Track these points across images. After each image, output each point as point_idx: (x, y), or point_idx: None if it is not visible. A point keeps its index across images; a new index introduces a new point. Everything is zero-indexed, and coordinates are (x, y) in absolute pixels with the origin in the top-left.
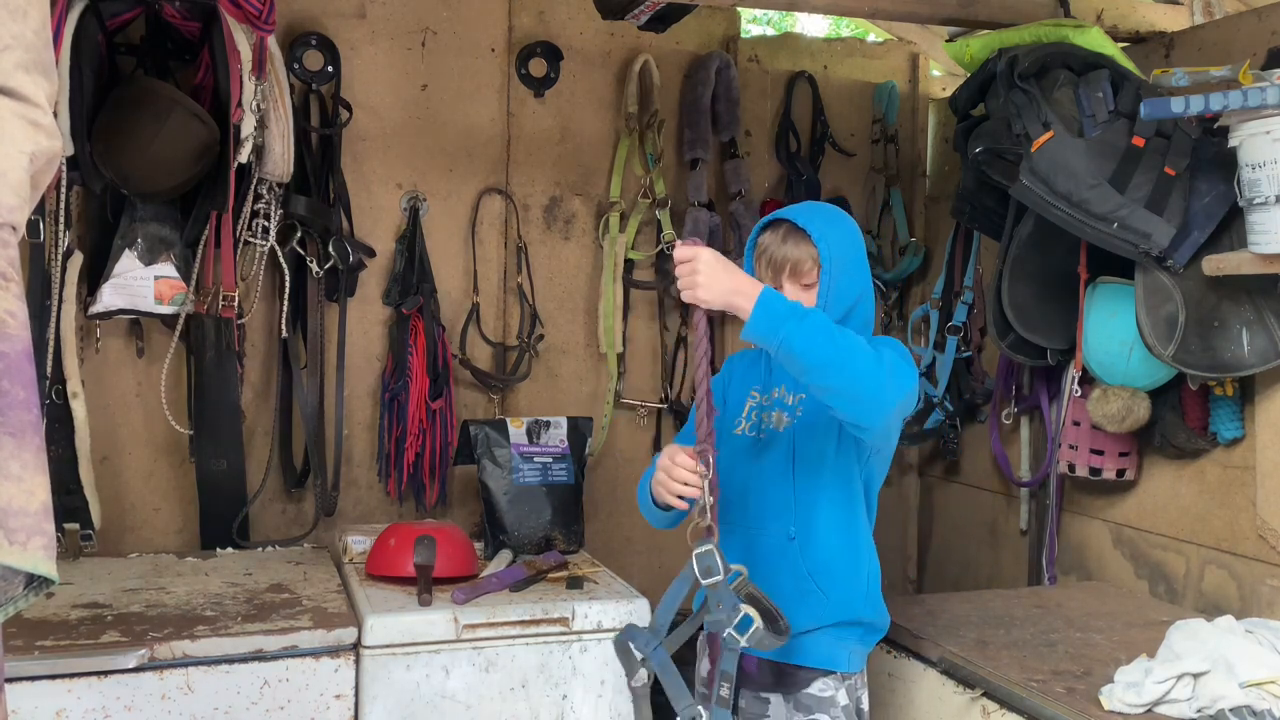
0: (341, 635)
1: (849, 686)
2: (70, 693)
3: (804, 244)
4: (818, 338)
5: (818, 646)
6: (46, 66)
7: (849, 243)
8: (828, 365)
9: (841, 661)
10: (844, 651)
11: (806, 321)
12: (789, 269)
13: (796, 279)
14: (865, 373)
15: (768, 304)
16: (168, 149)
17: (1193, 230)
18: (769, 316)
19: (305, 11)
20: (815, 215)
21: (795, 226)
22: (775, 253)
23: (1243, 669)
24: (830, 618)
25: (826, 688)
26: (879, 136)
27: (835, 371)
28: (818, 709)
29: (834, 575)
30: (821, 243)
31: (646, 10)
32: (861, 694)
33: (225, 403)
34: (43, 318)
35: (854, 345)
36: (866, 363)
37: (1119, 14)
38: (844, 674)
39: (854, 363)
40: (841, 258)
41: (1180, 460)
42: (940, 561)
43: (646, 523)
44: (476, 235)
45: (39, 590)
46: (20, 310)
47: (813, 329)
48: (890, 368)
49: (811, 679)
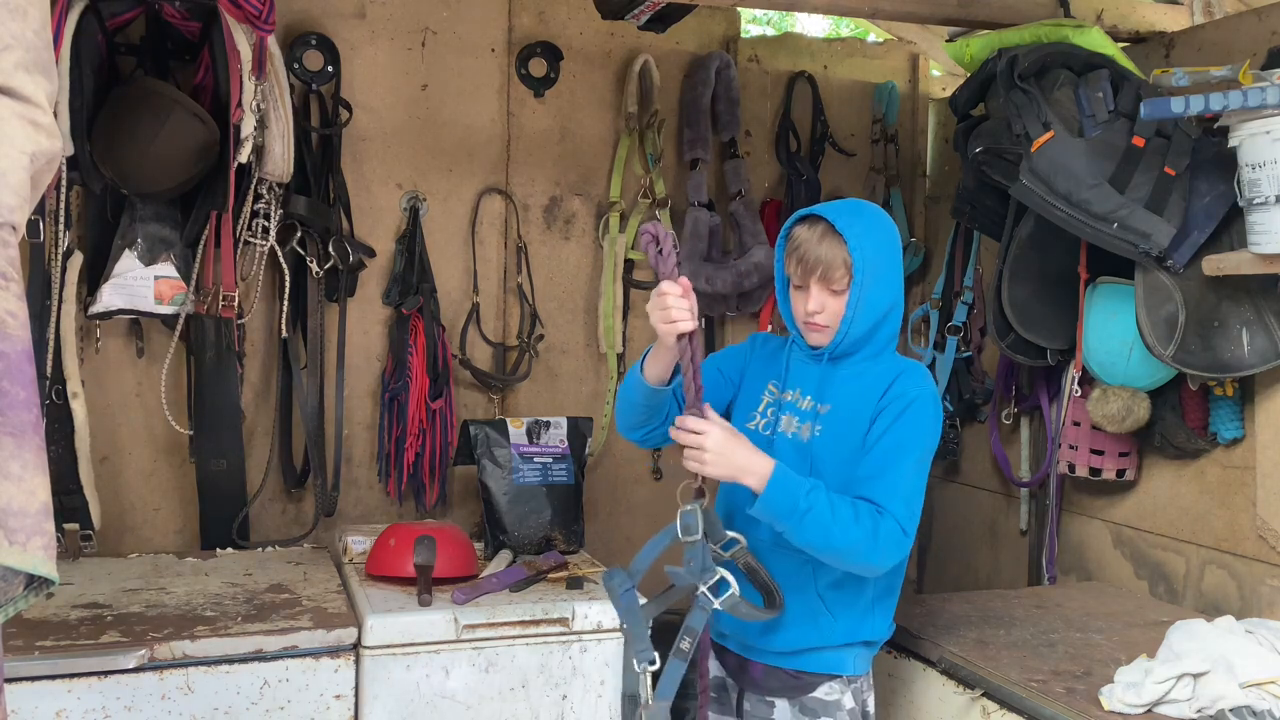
0: (341, 635)
1: (855, 689)
2: (70, 693)
3: (838, 248)
4: (815, 538)
5: (823, 655)
6: (46, 66)
7: (886, 251)
8: (821, 553)
9: (848, 665)
10: (850, 656)
11: (806, 520)
12: (820, 272)
13: (826, 284)
14: (855, 557)
15: (772, 499)
16: (168, 149)
17: (1192, 230)
18: (771, 511)
19: (305, 11)
20: (855, 219)
21: (832, 228)
22: (808, 253)
23: (1243, 669)
24: (837, 639)
25: (832, 691)
26: (879, 136)
27: (828, 557)
28: (824, 713)
29: (845, 599)
30: (856, 251)
31: (646, 10)
32: (867, 696)
33: (225, 403)
34: (43, 318)
35: (849, 539)
36: (858, 551)
37: (1119, 14)
38: (850, 677)
39: (845, 554)
40: (875, 268)
41: (1180, 460)
42: (940, 561)
43: (646, 523)
44: (476, 235)
45: (39, 590)
46: (20, 310)
47: (812, 528)
48: (885, 543)
49: (817, 683)
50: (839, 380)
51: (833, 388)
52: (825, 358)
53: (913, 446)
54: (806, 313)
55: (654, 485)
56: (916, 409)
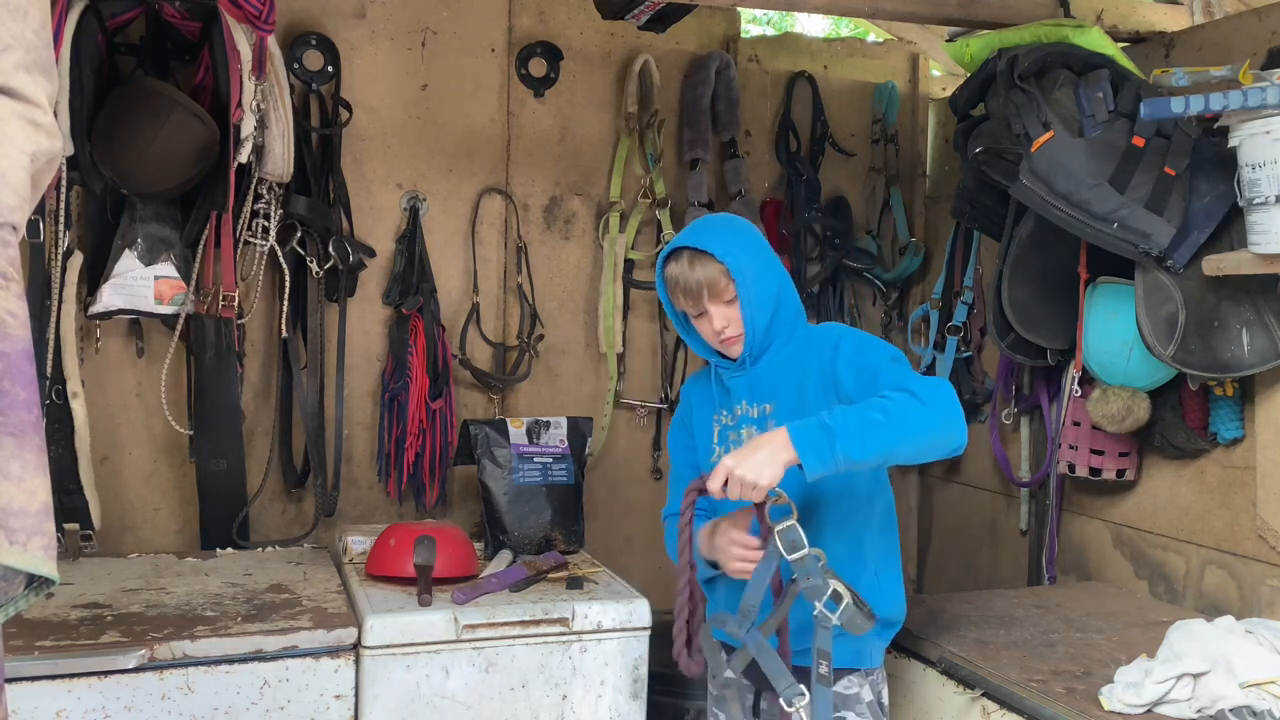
0: (341, 635)
1: (871, 682)
2: (70, 693)
3: (710, 264)
4: (871, 439)
5: (838, 647)
6: (46, 66)
7: (751, 245)
8: (895, 448)
9: (864, 658)
10: (864, 647)
11: (845, 435)
12: (706, 293)
13: (718, 299)
14: (920, 426)
15: (804, 448)
16: (167, 149)
17: (1192, 230)
18: (816, 456)
19: (305, 11)
20: (709, 232)
21: (697, 250)
22: (686, 281)
23: (1243, 669)
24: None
25: (851, 685)
26: (879, 136)
27: (905, 446)
28: (843, 707)
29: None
30: (727, 257)
31: (646, 10)
32: (882, 688)
33: (225, 403)
34: (43, 318)
35: (893, 411)
36: (914, 415)
37: (1119, 14)
38: (866, 670)
39: (911, 427)
40: (750, 263)
41: (1180, 460)
42: (940, 562)
43: (646, 523)
44: (476, 235)
45: (39, 590)
46: (20, 310)
47: (858, 432)
48: (933, 398)
49: (836, 678)
50: (769, 375)
51: (766, 384)
52: (748, 362)
53: (881, 354)
54: (716, 332)
55: (654, 485)
56: (852, 340)
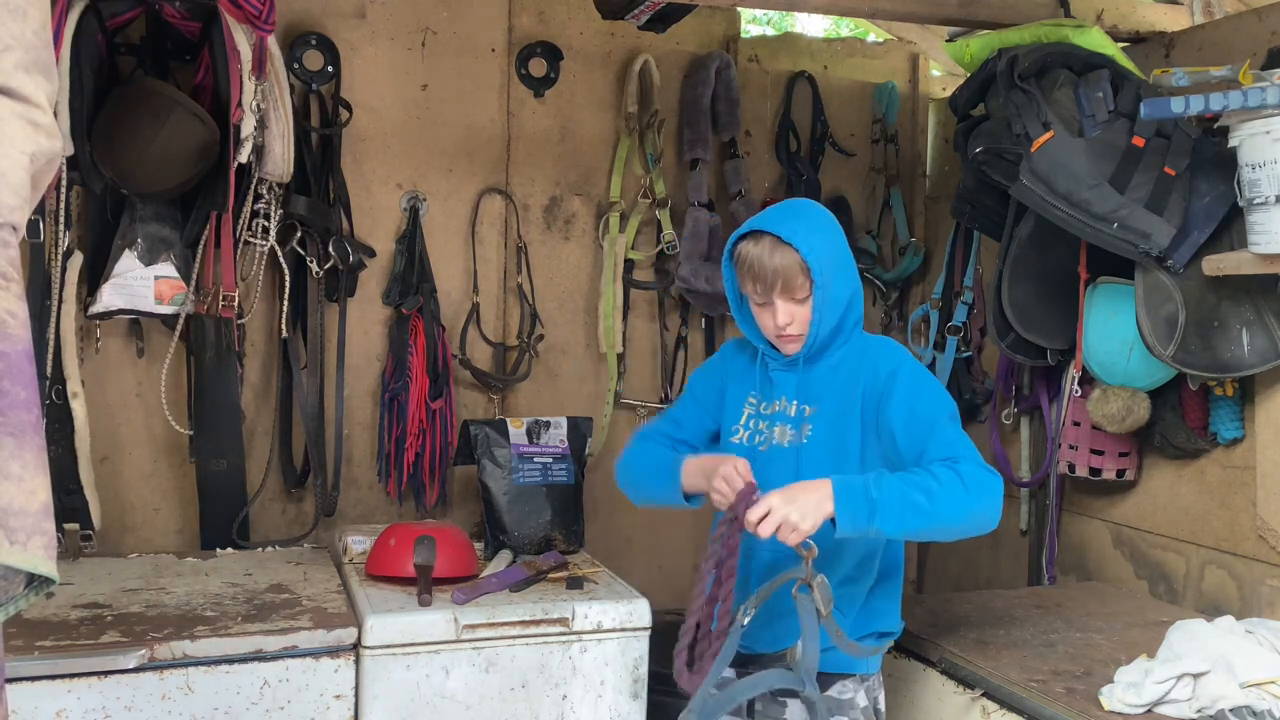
0: (341, 635)
1: (867, 687)
2: (70, 693)
3: (791, 257)
4: (908, 517)
5: (834, 653)
6: (46, 66)
7: (835, 246)
8: (927, 529)
9: (860, 664)
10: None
11: (885, 507)
12: (780, 285)
13: (789, 294)
14: (958, 513)
15: (844, 502)
16: (167, 149)
17: (1192, 230)
18: (851, 515)
19: (305, 11)
20: (798, 224)
21: (780, 239)
22: (761, 267)
23: (1243, 669)
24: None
25: (846, 690)
26: (879, 136)
27: (936, 528)
28: (837, 711)
29: (848, 594)
30: (810, 255)
31: (646, 10)
32: (879, 694)
33: (225, 403)
34: (43, 318)
35: (941, 499)
36: (957, 505)
37: (1119, 14)
38: (862, 675)
39: (947, 515)
40: (831, 265)
41: (1180, 460)
42: (940, 561)
43: (646, 523)
44: (476, 235)
45: (39, 590)
46: (20, 310)
47: (897, 509)
48: (977, 487)
49: (830, 682)
50: (819, 378)
51: (815, 387)
52: (801, 361)
53: (939, 408)
54: (777, 327)
55: None
56: (910, 376)
